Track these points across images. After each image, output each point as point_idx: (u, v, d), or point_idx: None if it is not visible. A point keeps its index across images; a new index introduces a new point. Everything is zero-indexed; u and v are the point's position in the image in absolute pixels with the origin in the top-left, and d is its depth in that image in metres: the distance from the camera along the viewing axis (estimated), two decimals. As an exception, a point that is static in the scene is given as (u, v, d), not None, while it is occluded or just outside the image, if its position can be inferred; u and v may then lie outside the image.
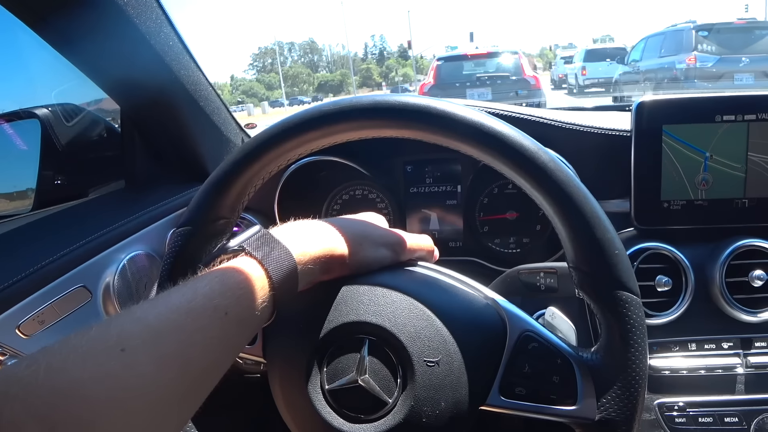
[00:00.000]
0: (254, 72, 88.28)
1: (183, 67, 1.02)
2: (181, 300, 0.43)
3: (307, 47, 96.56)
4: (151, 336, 0.39)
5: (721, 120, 0.89)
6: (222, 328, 0.44)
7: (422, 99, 0.56)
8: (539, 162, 0.53)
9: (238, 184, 0.62)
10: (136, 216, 1.00)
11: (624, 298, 0.52)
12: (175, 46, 0.99)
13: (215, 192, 0.62)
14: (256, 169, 0.61)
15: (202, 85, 1.08)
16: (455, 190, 1.06)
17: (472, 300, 0.60)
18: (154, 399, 0.37)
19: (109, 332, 0.38)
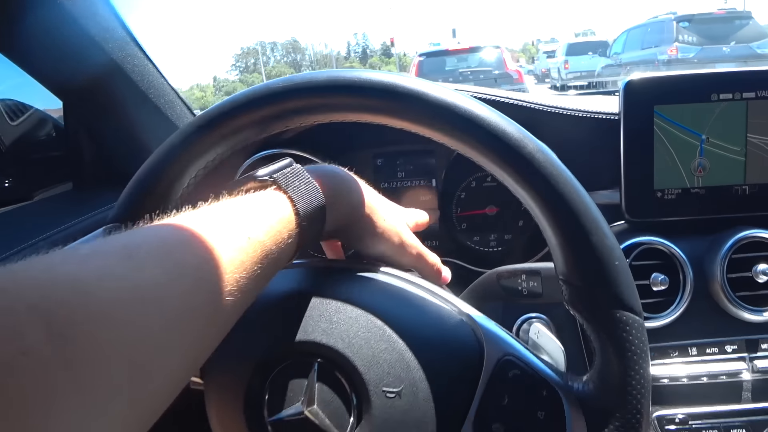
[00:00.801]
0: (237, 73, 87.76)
1: (126, 55, 0.93)
2: (198, 218, 0.39)
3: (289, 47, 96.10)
4: (163, 245, 0.36)
5: (717, 99, 0.80)
6: (242, 251, 0.39)
7: (388, 75, 0.47)
8: (525, 152, 0.44)
9: (170, 174, 0.53)
10: (82, 219, 0.91)
11: (624, 320, 0.43)
12: (116, 33, 0.90)
13: (145, 184, 0.54)
14: (189, 159, 0.53)
15: (150, 75, 0.99)
16: (430, 184, 0.97)
17: (443, 316, 0.50)
18: (167, 309, 0.33)
19: (115, 241, 0.35)
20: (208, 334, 0.38)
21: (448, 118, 0.44)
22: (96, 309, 0.29)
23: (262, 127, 0.51)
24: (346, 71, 0.47)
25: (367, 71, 0.47)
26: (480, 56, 9.36)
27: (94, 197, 1.02)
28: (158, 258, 0.34)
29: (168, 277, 0.34)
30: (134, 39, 0.94)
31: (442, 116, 0.45)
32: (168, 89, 1.04)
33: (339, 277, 0.53)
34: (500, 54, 9.29)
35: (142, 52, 0.96)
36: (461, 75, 8.77)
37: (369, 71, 0.47)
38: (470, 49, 9.59)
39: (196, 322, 0.35)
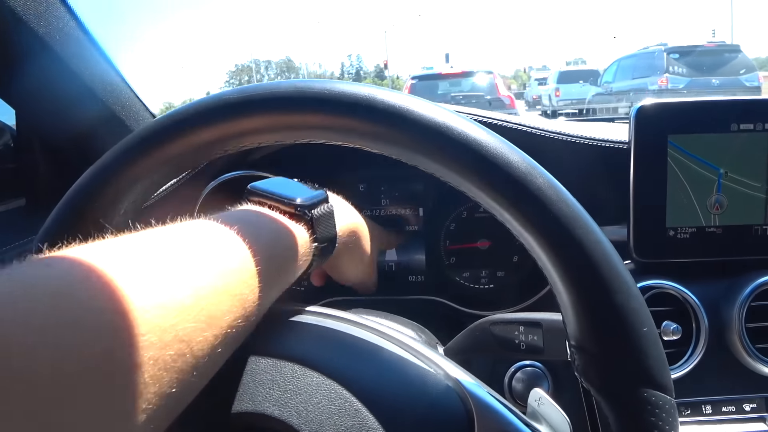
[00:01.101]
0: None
1: (85, 61, 0.84)
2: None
3: (283, 65, 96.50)
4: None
5: (737, 129, 0.73)
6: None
7: (363, 88, 0.39)
8: (533, 187, 0.35)
9: (104, 197, 0.46)
10: (32, 238, 0.82)
11: (653, 401, 0.34)
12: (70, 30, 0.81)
13: (75, 206, 0.47)
14: (128, 180, 0.44)
15: (112, 83, 0.90)
16: (417, 213, 0.88)
17: (426, 382, 0.41)
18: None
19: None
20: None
21: (438, 143, 0.36)
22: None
23: (207, 151, 0.42)
24: (314, 82, 0.39)
25: (339, 83, 0.39)
26: (472, 81, 9.38)
27: (47, 213, 0.93)
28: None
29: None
30: (95, 43, 0.86)
31: (432, 140, 0.36)
32: (132, 98, 0.96)
33: (296, 330, 0.44)
34: (492, 79, 9.31)
35: (102, 54, 0.88)
36: (453, 99, 8.79)
37: (341, 83, 0.39)
38: (463, 73, 9.61)
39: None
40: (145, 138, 0.43)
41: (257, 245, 0.38)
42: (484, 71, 9.57)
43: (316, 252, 0.49)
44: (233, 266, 0.36)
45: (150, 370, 0.27)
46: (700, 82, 9.98)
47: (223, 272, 0.34)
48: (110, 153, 0.45)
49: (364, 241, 0.65)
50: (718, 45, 11.15)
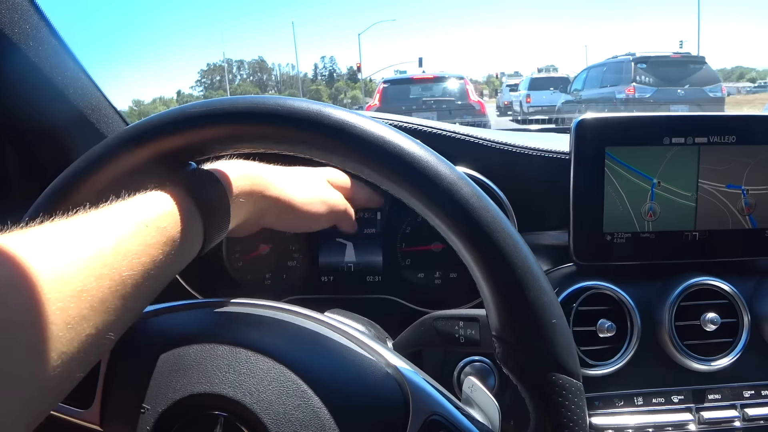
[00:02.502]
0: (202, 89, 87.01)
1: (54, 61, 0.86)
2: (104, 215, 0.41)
3: (256, 66, 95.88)
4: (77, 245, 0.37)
5: (669, 143, 0.78)
6: (139, 235, 0.41)
7: (313, 104, 0.43)
8: (458, 195, 0.40)
9: (76, 202, 0.47)
10: None
11: (561, 383, 0.39)
12: (40, 34, 0.83)
13: (47, 210, 0.48)
14: (99, 185, 0.48)
15: (82, 85, 0.92)
16: (374, 217, 0.93)
17: (366, 369, 0.46)
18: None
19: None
20: (121, 318, 0.39)
21: (375, 154, 0.41)
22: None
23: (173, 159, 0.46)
24: (269, 98, 0.43)
25: (290, 99, 0.43)
26: (444, 86, 9.45)
27: (18, 212, 0.95)
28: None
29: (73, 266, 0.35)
30: (66, 47, 0.88)
31: (369, 152, 0.41)
32: (103, 102, 0.98)
33: (252, 321, 0.48)
34: (464, 85, 9.40)
35: (75, 61, 0.90)
36: (424, 104, 8.85)
37: (291, 99, 0.43)
38: (435, 78, 9.69)
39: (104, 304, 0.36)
40: (114, 146, 0.47)
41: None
42: (456, 76, 9.66)
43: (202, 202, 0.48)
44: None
45: (52, 326, 0.33)
46: (665, 92, 10.20)
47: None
48: (83, 159, 0.48)
49: (303, 193, 0.66)
50: (684, 56, 11.41)
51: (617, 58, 11.52)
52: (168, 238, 0.43)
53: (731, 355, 0.77)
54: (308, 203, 0.67)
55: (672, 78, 10.44)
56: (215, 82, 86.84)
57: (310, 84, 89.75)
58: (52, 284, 0.33)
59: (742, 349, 0.77)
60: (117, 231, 0.40)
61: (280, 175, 0.64)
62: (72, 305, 0.34)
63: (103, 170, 0.47)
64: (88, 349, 0.35)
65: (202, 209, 0.47)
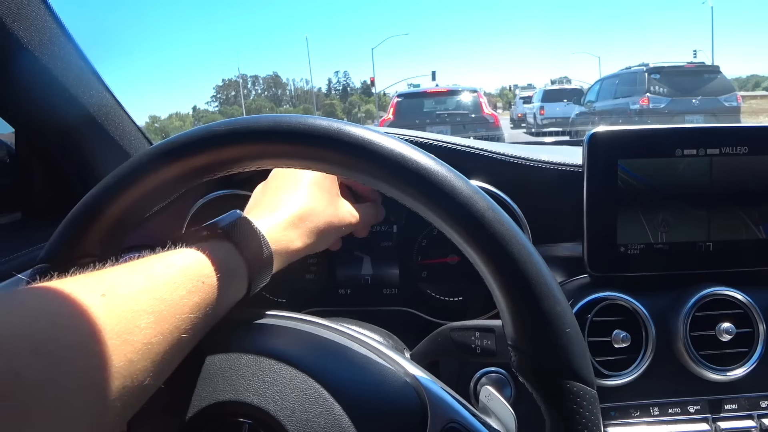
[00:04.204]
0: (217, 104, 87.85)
1: (82, 84, 0.90)
2: (151, 264, 0.43)
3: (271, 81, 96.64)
4: (126, 288, 0.39)
5: (681, 154, 0.79)
6: (196, 293, 0.44)
7: (333, 122, 0.45)
8: (474, 209, 0.41)
9: (107, 216, 0.51)
10: (28, 251, 0.87)
11: (575, 391, 0.40)
12: (72, 61, 0.87)
13: (80, 224, 0.52)
14: (129, 200, 0.50)
15: (106, 105, 0.96)
16: (390, 230, 0.94)
17: (386, 378, 0.47)
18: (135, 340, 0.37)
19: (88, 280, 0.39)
20: (168, 360, 0.41)
21: (393, 170, 0.42)
22: (76, 340, 0.33)
23: (200, 174, 0.48)
24: (291, 116, 0.45)
25: (312, 117, 0.45)
26: (457, 99, 9.47)
27: (43, 228, 0.98)
28: (124, 299, 0.38)
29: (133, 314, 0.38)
30: (92, 67, 0.91)
31: (388, 168, 0.42)
32: (125, 119, 1.01)
33: (275, 332, 0.50)
34: (477, 98, 9.41)
35: (100, 81, 0.93)
36: (438, 117, 8.87)
37: (314, 117, 0.45)
38: (448, 92, 9.71)
39: (159, 352, 0.39)
40: (144, 163, 0.49)
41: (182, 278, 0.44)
42: (469, 90, 9.67)
43: (250, 259, 0.52)
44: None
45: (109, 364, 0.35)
46: (680, 102, 10.15)
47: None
48: (110, 177, 0.50)
49: (325, 220, 0.68)
50: (698, 66, 11.37)
51: (630, 69, 11.49)
52: (220, 294, 0.46)
53: (747, 365, 0.77)
54: (337, 219, 0.70)
55: (686, 88, 10.39)
56: (230, 97, 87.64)
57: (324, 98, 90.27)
58: (117, 338, 0.36)
59: (759, 358, 0.77)
60: (175, 289, 0.42)
61: (314, 200, 0.67)
62: (136, 358, 0.37)
63: (134, 186, 0.50)
64: (140, 395, 0.38)
65: (248, 264, 0.51)
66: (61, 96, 0.87)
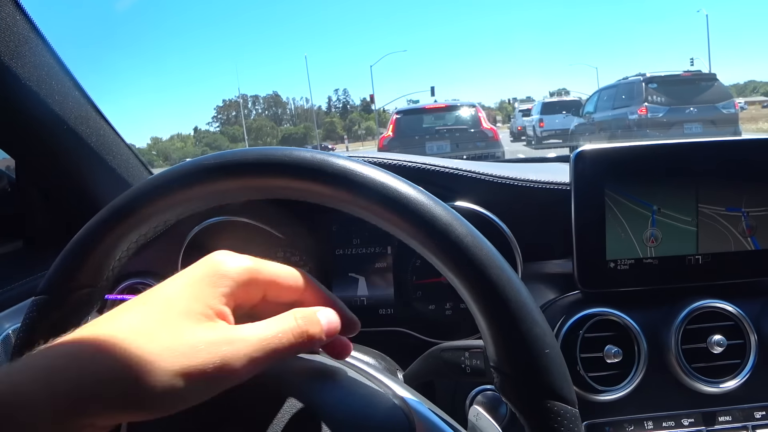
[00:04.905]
0: (218, 124, 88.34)
1: (80, 115, 0.92)
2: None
3: (271, 100, 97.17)
4: None
5: (667, 170, 0.81)
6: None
7: (316, 154, 0.46)
8: (453, 235, 0.43)
9: (102, 247, 0.52)
10: (29, 280, 0.88)
11: (556, 410, 0.41)
12: (68, 92, 0.89)
13: (75, 256, 0.52)
14: (123, 231, 0.51)
15: (104, 135, 0.98)
16: (385, 251, 0.96)
17: (375, 400, 0.48)
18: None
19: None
20: None
21: (372, 199, 0.44)
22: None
23: (194, 205, 0.50)
24: (276, 149, 0.47)
25: (295, 150, 0.47)
26: (456, 114, 9.49)
27: (43, 257, 0.99)
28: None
29: None
30: (89, 99, 0.93)
31: (367, 197, 0.44)
32: (123, 148, 1.03)
33: None
34: (476, 112, 9.44)
35: (98, 112, 0.96)
36: (438, 133, 8.90)
37: (297, 150, 0.47)
38: (447, 107, 9.74)
39: None
40: (143, 194, 0.51)
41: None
42: (468, 104, 9.71)
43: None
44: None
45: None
46: (678, 111, 10.16)
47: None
48: (104, 210, 0.52)
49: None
50: (695, 74, 11.38)
51: (628, 79, 11.52)
52: None
53: (740, 377, 0.78)
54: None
55: (684, 96, 10.41)
56: (231, 117, 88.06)
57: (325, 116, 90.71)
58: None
59: (751, 369, 0.78)
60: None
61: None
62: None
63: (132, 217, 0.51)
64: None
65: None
66: (59, 128, 0.88)
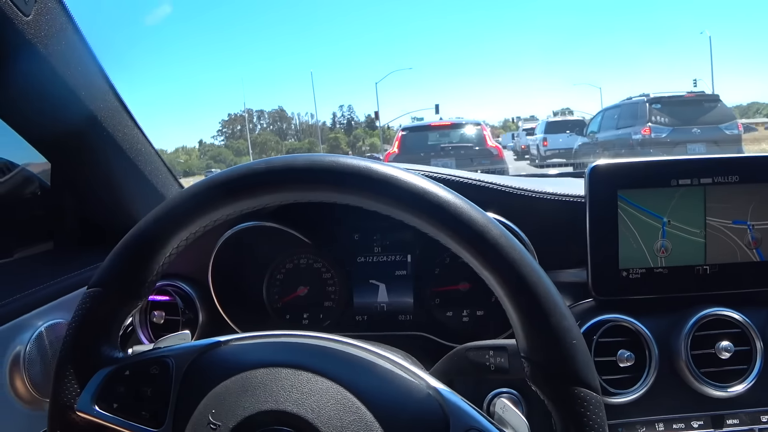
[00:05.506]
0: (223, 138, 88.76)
1: (117, 122, 0.96)
2: None
3: (276, 115, 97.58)
4: None
5: (676, 184, 0.85)
6: None
7: (364, 161, 0.51)
8: (489, 237, 0.47)
9: (155, 245, 0.56)
10: (60, 279, 0.91)
11: (582, 396, 0.45)
12: (108, 100, 0.93)
13: (130, 252, 0.57)
14: (175, 230, 0.56)
15: (138, 142, 1.03)
16: (405, 260, 1.00)
17: (411, 390, 0.52)
18: None
19: None
20: None
21: (418, 204, 0.48)
22: None
23: (242, 205, 0.54)
24: (325, 156, 0.51)
25: (344, 157, 0.51)
26: (461, 132, 9.54)
27: (74, 258, 1.03)
28: None
29: None
30: (125, 107, 0.98)
31: (413, 202, 0.48)
32: (155, 157, 1.08)
33: (309, 348, 0.55)
34: (481, 130, 9.49)
35: (133, 120, 1.00)
36: (443, 150, 8.95)
37: (345, 157, 0.51)
38: (452, 125, 9.80)
39: None
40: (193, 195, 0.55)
41: None
42: (473, 122, 9.77)
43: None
44: None
45: None
46: (681, 132, 10.19)
47: None
48: (164, 206, 0.56)
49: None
50: (698, 95, 11.42)
51: (632, 99, 11.56)
52: None
53: (746, 382, 0.81)
54: None
55: (687, 117, 10.44)
56: (236, 131, 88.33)
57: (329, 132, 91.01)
58: None
59: (757, 375, 0.81)
60: None
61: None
62: None
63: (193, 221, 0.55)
64: None
65: None
66: (96, 134, 0.93)
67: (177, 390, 0.53)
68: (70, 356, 0.56)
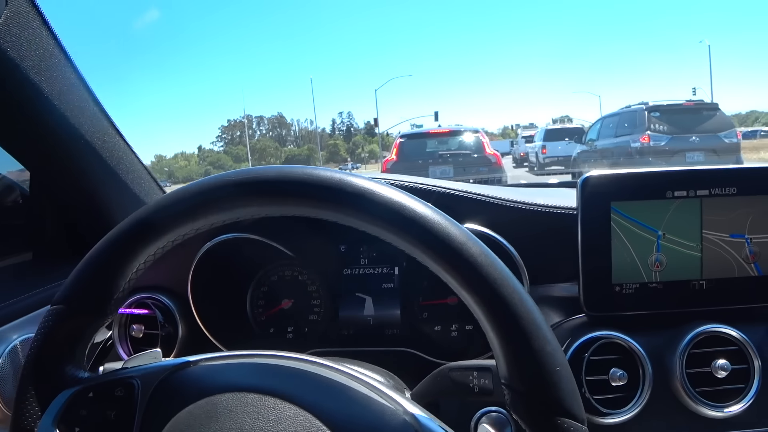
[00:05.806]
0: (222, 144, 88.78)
1: (96, 130, 0.94)
2: None
3: (275, 121, 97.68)
4: None
5: (672, 196, 0.82)
6: None
7: (337, 174, 0.48)
8: (467, 254, 0.44)
9: (121, 259, 0.53)
10: (38, 291, 0.89)
11: (566, 427, 0.42)
12: (86, 107, 0.91)
13: (94, 266, 0.54)
14: (142, 244, 0.53)
15: (119, 150, 1.00)
16: (392, 272, 0.97)
17: (386, 416, 0.49)
18: None
19: None
20: None
21: (390, 218, 0.45)
22: None
23: (211, 219, 0.51)
24: (296, 168, 0.48)
25: (316, 169, 0.48)
26: (460, 139, 9.54)
27: (53, 269, 1.00)
28: None
29: None
30: (106, 114, 0.95)
31: (386, 216, 0.45)
32: (137, 165, 1.05)
33: (278, 372, 0.52)
34: (479, 138, 9.49)
35: (114, 127, 0.97)
36: (441, 157, 8.94)
37: (317, 169, 0.48)
38: (450, 132, 9.79)
39: None
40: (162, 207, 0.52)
41: None
42: (471, 130, 9.76)
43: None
44: None
45: None
46: (680, 140, 10.19)
47: None
48: (129, 220, 0.53)
49: None
50: (697, 103, 11.43)
51: (630, 107, 11.56)
52: None
53: (744, 401, 0.78)
54: None
55: (686, 125, 10.44)
56: (235, 137, 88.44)
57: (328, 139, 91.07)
58: None
59: (755, 394, 0.78)
60: None
61: None
62: None
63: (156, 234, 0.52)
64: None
65: None
66: (75, 141, 0.90)
67: (142, 414, 0.50)
68: (31, 377, 0.53)
